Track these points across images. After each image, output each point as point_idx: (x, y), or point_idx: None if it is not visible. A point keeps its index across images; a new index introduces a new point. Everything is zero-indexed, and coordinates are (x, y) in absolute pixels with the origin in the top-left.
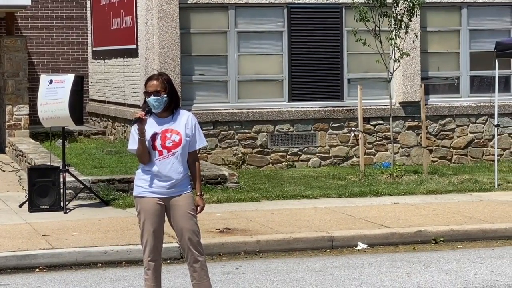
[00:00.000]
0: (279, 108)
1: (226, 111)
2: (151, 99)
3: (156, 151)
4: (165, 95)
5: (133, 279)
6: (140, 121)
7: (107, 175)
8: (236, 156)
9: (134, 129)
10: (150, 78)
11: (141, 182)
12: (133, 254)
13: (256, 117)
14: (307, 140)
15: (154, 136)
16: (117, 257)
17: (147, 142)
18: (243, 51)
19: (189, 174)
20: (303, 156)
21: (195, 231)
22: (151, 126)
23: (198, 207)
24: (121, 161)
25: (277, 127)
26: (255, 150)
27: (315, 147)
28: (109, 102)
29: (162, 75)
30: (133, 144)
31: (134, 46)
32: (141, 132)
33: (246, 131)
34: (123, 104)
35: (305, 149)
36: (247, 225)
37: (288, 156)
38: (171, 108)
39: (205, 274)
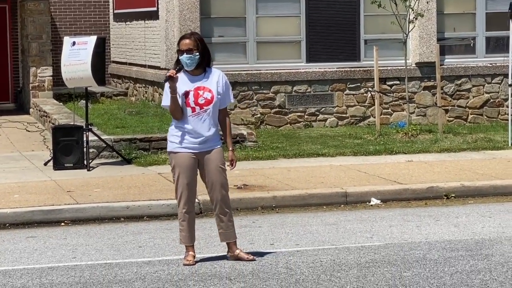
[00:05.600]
0: (297, 69)
1: (245, 72)
2: (184, 57)
3: (189, 108)
4: (197, 54)
5: (154, 232)
6: (171, 80)
7: (129, 134)
8: (255, 116)
9: (167, 86)
10: (183, 37)
11: (174, 138)
12: (154, 209)
13: (275, 78)
14: (325, 100)
15: (187, 93)
16: (138, 212)
17: (180, 99)
18: (262, 13)
19: (220, 130)
20: (321, 116)
21: (225, 184)
22: (184, 83)
23: (232, 161)
24: (142, 121)
25: (295, 88)
26: (274, 110)
27: (333, 107)
28: (130, 64)
29: (195, 34)
30: (166, 100)
31: (155, 8)
32: (173, 90)
33: (264, 91)
34: (144, 66)
35: (323, 109)
36: (264, 182)
37: (305, 116)
38: (203, 66)
39: (232, 225)
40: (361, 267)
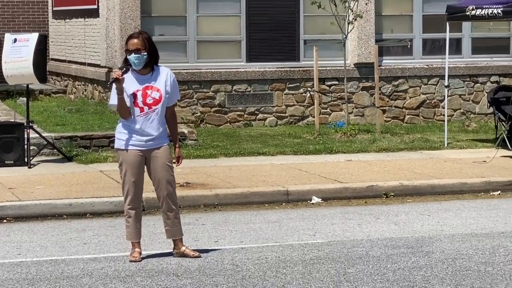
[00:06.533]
0: (237, 68)
1: (185, 71)
2: (132, 57)
3: (138, 108)
4: (145, 53)
5: (97, 229)
6: (117, 81)
7: (69, 132)
8: (195, 115)
9: (114, 86)
10: (131, 37)
11: (122, 136)
12: (97, 206)
13: (215, 77)
14: (264, 100)
15: (135, 94)
16: (81, 209)
17: (128, 99)
18: (202, 12)
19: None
20: (260, 116)
21: (171, 181)
22: (132, 83)
23: (179, 158)
24: (82, 119)
25: (235, 87)
26: (214, 109)
27: (272, 106)
28: (69, 62)
29: (143, 34)
30: (114, 100)
31: (95, 6)
32: (119, 91)
33: (204, 90)
34: (83, 64)
35: (262, 108)
36: (206, 180)
37: (245, 115)
38: (151, 65)
39: (178, 222)
40: (306, 263)
